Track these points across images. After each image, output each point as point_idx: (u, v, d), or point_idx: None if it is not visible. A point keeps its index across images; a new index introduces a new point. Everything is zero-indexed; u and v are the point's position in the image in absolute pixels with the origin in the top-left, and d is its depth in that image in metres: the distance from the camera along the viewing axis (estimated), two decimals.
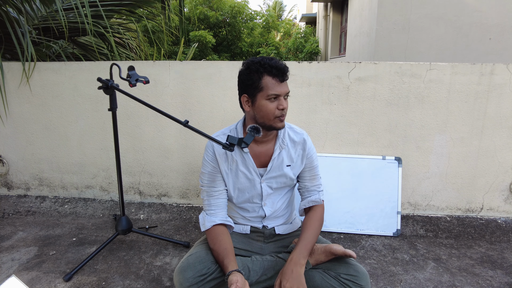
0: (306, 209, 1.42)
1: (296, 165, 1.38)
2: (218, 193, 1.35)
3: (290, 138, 1.38)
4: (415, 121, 2.09)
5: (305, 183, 1.43)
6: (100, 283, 1.57)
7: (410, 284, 1.60)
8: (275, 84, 1.20)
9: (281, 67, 1.20)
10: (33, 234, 2.04)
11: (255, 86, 1.22)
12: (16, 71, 2.24)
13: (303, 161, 1.39)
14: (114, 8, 2.75)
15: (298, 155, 1.38)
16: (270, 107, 1.22)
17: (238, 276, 1.09)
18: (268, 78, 1.20)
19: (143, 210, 2.32)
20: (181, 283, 1.14)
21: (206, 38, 11.01)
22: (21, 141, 2.36)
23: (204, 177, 1.35)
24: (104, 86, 1.50)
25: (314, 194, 1.41)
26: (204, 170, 1.35)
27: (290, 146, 1.37)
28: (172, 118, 1.29)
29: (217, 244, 1.23)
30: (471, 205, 2.18)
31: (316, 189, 1.43)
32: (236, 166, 1.34)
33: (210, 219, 1.31)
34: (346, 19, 9.96)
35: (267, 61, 1.21)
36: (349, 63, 2.06)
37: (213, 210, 1.33)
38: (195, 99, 2.17)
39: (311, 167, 1.41)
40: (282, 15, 21.66)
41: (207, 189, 1.35)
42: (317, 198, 1.39)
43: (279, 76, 1.20)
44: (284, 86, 1.22)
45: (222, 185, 1.36)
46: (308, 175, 1.42)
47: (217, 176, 1.34)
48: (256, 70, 1.21)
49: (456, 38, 6.54)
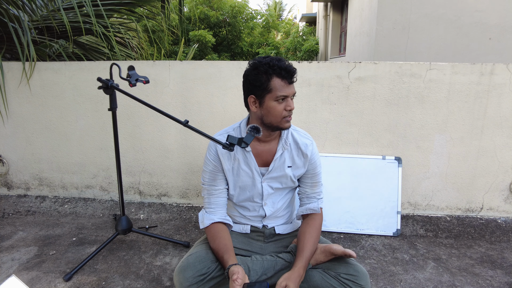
0: (304, 215, 1.40)
1: (297, 167, 1.38)
2: (218, 192, 1.35)
3: (294, 140, 1.37)
4: (415, 121, 2.09)
5: (306, 189, 1.41)
6: (100, 283, 1.57)
7: (410, 284, 1.60)
8: (284, 85, 1.20)
9: (290, 69, 1.20)
10: (33, 234, 2.04)
11: (264, 87, 1.21)
12: (16, 70, 2.24)
13: (305, 165, 1.38)
14: (114, 7, 2.75)
15: (301, 158, 1.37)
16: (278, 109, 1.22)
17: (239, 268, 1.11)
18: (277, 80, 1.19)
19: (143, 210, 2.32)
20: (181, 282, 1.14)
21: (206, 38, 11.02)
22: (21, 141, 2.36)
23: (206, 176, 1.36)
24: (104, 86, 1.50)
25: (313, 202, 1.39)
26: (206, 169, 1.36)
27: (293, 147, 1.37)
28: (172, 118, 1.29)
29: (217, 241, 1.24)
30: (471, 205, 2.18)
31: (316, 196, 1.41)
32: (238, 164, 1.34)
33: (209, 217, 1.32)
34: (346, 19, 9.95)
35: (276, 62, 1.20)
36: (349, 63, 2.06)
37: (213, 209, 1.34)
38: (195, 99, 2.17)
39: (314, 174, 1.40)
40: (282, 15, 21.65)
41: (207, 188, 1.36)
42: (315, 206, 1.37)
43: (288, 78, 1.20)
44: (292, 88, 1.23)
45: (223, 184, 1.36)
46: (309, 182, 1.40)
47: (218, 175, 1.35)
48: (265, 71, 1.20)
49: (456, 38, 6.54)
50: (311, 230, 1.30)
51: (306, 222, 1.35)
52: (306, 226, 1.33)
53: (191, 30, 11.39)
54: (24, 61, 2.19)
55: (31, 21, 2.58)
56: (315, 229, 1.31)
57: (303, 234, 1.29)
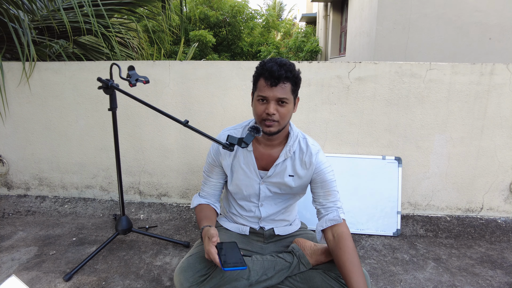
0: (326, 232, 1.25)
1: (300, 177, 1.33)
2: (212, 183, 1.43)
3: (300, 149, 1.33)
4: (415, 121, 2.09)
5: (319, 199, 1.31)
6: (100, 283, 1.57)
7: (410, 284, 1.60)
8: (266, 87, 1.18)
9: (273, 70, 1.15)
10: (33, 234, 2.04)
11: (254, 84, 1.25)
12: (16, 70, 2.24)
13: (309, 175, 1.32)
14: (114, 7, 2.75)
15: (304, 168, 1.32)
16: (258, 108, 1.22)
17: (214, 230, 1.15)
18: (262, 80, 1.19)
19: (143, 210, 2.32)
20: (182, 283, 1.14)
21: (206, 38, 11.01)
22: (21, 141, 2.36)
23: (206, 166, 1.44)
24: (104, 86, 1.50)
25: (331, 212, 1.26)
26: (207, 160, 1.43)
27: (297, 156, 1.32)
28: (172, 118, 1.30)
29: (201, 214, 1.34)
30: (471, 205, 2.18)
31: (334, 205, 1.28)
32: (238, 162, 1.36)
33: (199, 199, 1.43)
34: (346, 19, 9.95)
35: (268, 63, 1.18)
36: (349, 63, 2.06)
37: (204, 196, 1.44)
38: (195, 99, 2.17)
39: (324, 182, 1.30)
40: (282, 15, 21.65)
41: (205, 176, 1.44)
42: (336, 216, 1.23)
43: (270, 80, 1.16)
44: (274, 91, 1.16)
45: (217, 178, 1.42)
46: (321, 191, 1.30)
47: (215, 169, 1.41)
48: (257, 70, 1.23)
49: (456, 38, 6.54)
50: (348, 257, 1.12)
51: (336, 245, 1.17)
52: (338, 251, 1.15)
53: (191, 30, 11.39)
54: (24, 61, 2.19)
55: (31, 21, 2.58)
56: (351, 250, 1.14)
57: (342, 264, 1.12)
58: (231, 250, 1.10)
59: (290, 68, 1.18)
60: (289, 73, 1.17)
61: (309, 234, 1.45)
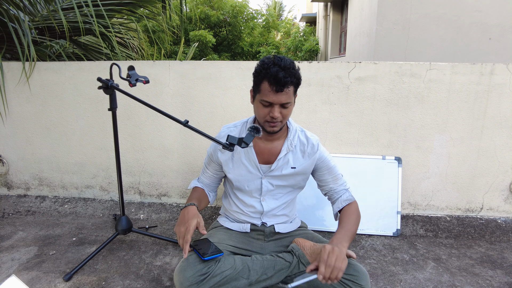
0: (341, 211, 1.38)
1: (303, 167, 1.38)
2: (207, 174, 1.51)
3: (300, 141, 1.39)
4: (415, 121, 2.09)
5: (330, 185, 1.42)
6: (100, 283, 1.57)
7: (410, 284, 1.60)
8: (271, 92, 1.18)
9: (279, 77, 1.14)
10: (33, 234, 2.04)
11: (257, 86, 1.24)
12: (16, 70, 2.24)
13: (312, 164, 1.39)
14: (114, 8, 2.75)
15: (306, 159, 1.38)
16: (261, 111, 1.24)
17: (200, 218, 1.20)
18: (266, 84, 1.18)
19: (143, 210, 2.32)
20: (181, 282, 1.15)
21: (206, 38, 11.01)
22: (21, 141, 2.36)
23: (206, 157, 1.51)
24: (104, 86, 1.50)
25: (343, 193, 1.40)
26: (207, 152, 1.49)
27: (299, 149, 1.38)
28: (172, 118, 1.30)
29: (193, 194, 1.45)
30: (471, 205, 2.19)
31: (343, 188, 1.42)
32: (239, 156, 1.38)
33: (196, 183, 1.53)
34: (346, 19, 9.95)
35: (273, 67, 1.16)
36: (349, 63, 2.06)
37: (201, 181, 1.53)
38: (195, 99, 2.18)
39: (329, 169, 1.41)
40: (282, 15, 21.66)
41: (204, 166, 1.52)
42: (349, 196, 1.38)
43: (276, 85, 1.16)
44: (280, 96, 1.18)
45: (212, 172, 1.49)
46: (329, 177, 1.42)
47: (211, 163, 1.47)
48: (260, 71, 1.20)
49: (456, 38, 6.54)
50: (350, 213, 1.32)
51: (343, 209, 1.35)
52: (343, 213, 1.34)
53: (192, 30, 11.39)
54: (24, 61, 2.19)
55: (31, 21, 2.58)
56: (354, 211, 1.32)
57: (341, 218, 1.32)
58: (205, 244, 1.24)
59: (293, 72, 1.19)
60: (294, 78, 1.19)
61: (308, 234, 1.46)
